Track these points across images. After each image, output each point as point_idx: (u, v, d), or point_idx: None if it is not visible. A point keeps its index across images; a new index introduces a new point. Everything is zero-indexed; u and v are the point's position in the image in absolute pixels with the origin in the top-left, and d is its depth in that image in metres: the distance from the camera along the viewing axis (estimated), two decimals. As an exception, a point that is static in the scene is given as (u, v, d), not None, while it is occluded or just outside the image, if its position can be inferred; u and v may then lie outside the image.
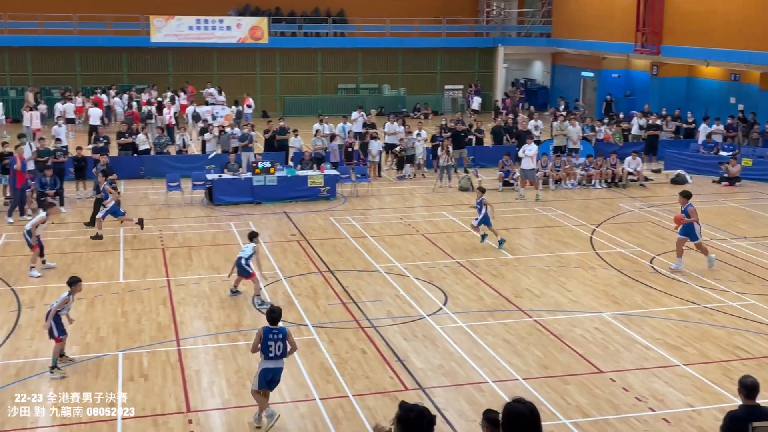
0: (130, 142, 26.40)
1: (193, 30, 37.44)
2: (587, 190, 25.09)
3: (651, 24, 33.10)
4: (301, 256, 17.85)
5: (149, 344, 13.01)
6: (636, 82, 38.81)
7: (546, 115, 33.70)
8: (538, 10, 44.20)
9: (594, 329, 13.75)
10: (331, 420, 10.57)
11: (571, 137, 27.43)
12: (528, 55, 45.87)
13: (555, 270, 16.91)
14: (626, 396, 11.30)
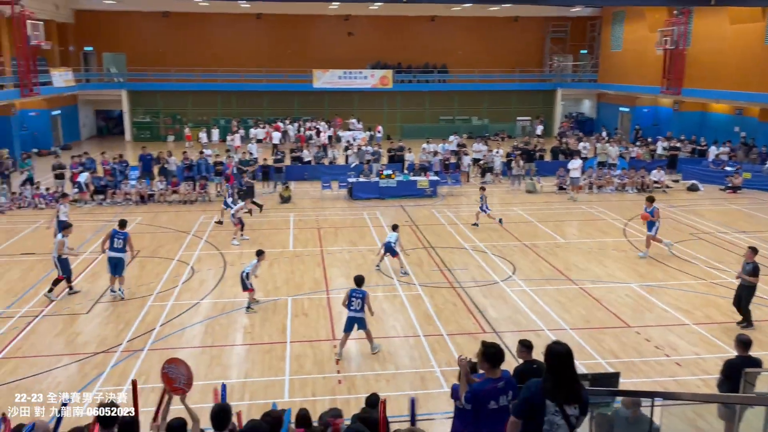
0: (298, 155, 27.09)
1: (341, 78, 37.98)
2: (622, 194, 23.97)
3: (674, 72, 31.40)
4: (412, 236, 17.85)
5: (308, 292, 13.32)
6: (661, 114, 36.75)
7: (591, 139, 32.39)
8: (587, 62, 42.54)
9: (625, 295, 13.14)
10: (430, 350, 10.55)
11: (610, 155, 26.57)
12: (579, 95, 44.15)
13: (596, 251, 16.25)
14: (648, 345, 10.77)
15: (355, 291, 10.18)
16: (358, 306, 10.09)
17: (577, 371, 4.45)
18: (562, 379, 4.34)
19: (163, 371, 5.29)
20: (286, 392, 9.23)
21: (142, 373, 9.70)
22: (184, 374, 5.29)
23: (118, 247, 12.81)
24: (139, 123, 39.24)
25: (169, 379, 5.21)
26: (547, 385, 4.36)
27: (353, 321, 10.17)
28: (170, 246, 16.67)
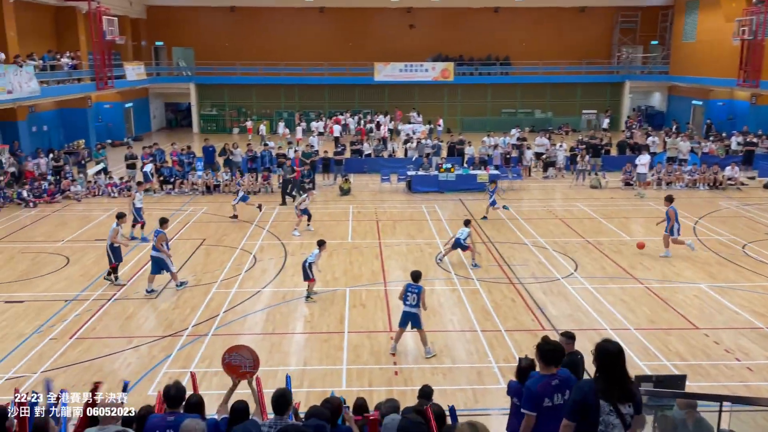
0: (358, 148, 27.31)
1: (402, 72, 38.05)
2: (692, 191, 23.01)
3: (752, 63, 29.75)
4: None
5: (366, 284, 13.45)
6: (737, 108, 34.95)
7: (660, 133, 31.22)
8: (658, 53, 40.92)
9: (693, 296, 12.65)
10: (488, 346, 10.48)
11: (681, 150, 25.55)
12: (649, 87, 42.55)
13: (663, 250, 15.68)
14: (717, 348, 10.34)
15: (411, 286, 10.19)
16: (413, 301, 10.09)
17: (627, 370, 4.37)
18: (615, 378, 4.26)
19: (225, 362, 5.45)
20: (344, 381, 9.38)
21: (206, 358, 10.06)
22: (249, 358, 5.46)
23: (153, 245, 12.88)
24: (206, 115, 40.46)
25: (234, 367, 5.38)
26: (599, 385, 4.28)
27: (408, 316, 10.16)
28: (234, 235, 17.16)
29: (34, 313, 11.81)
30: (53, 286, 13.33)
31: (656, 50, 41.42)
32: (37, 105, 27.02)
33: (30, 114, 26.88)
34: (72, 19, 30.66)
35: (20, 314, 11.78)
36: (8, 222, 18.60)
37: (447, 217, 19.13)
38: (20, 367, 9.71)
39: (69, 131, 30.60)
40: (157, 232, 12.80)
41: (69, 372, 9.55)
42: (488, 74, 40.55)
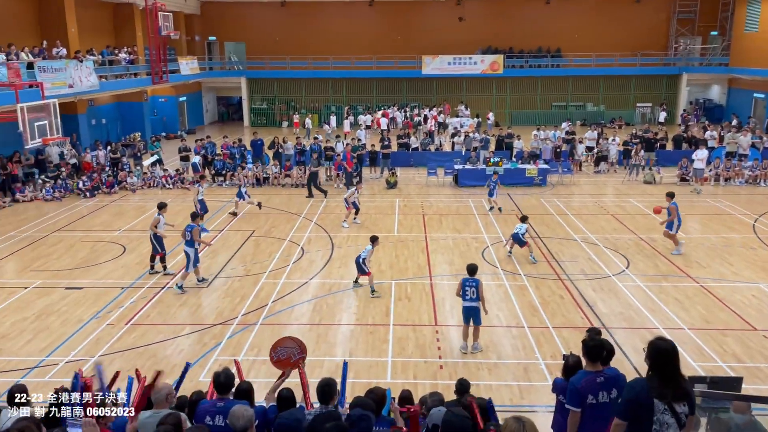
0: (405, 142, 27.29)
1: (450, 65, 37.79)
2: (753, 187, 22.08)
3: (821, 53, 28.31)
4: (519, 225, 17.50)
5: (412, 277, 13.47)
6: (803, 101, 33.41)
7: (718, 127, 30.03)
8: (718, 44, 39.32)
9: (751, 296, 12.17)
10: (535, 343, 10.35)
11: (741, 145, 24.43)
12: (707, 80, 40.94)
13: (720, 248, 15.14)
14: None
15: (468, 280, 10.08)
16: (472, 295, 9.97)
17: (680, 368, 4.24)
18: (668, 376, 4.15)
19: (274, 360, 5.54)
20: (389, 373, 9.43)
21: (255, 346, 10.28)
22: (293, 346, 5.54)
23: (188, 239, 12.73)
24: (257, 109, 41.14)
25: (283, 361, 5.47)
26: (652, 383, 4.18)
27: (470, 311, 10.02)
28: (282, 227, 17.43)
29: (93, 299, 12.29)
30: (110, 273, 13.85)
31: (716, 41, 39.81)
32: (96, 99, 28.04)
33: (89, 107, 27.90)
34: (129, 15, 31.66)
35: (80, 300, 12.29)
36: (69, 212, 19.39)
37: (496, 213, 18.92)
38: (79, 351, 10.14)
39: (126, 124, 31.66)
40: (191, 227, 12.71)
41: (124, 357, 9.91)
42: (539, 67, 39.86)
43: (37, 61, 20.76)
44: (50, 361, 9.82)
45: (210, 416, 5.00)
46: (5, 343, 10.44)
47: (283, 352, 5.52)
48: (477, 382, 8.82)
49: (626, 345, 10.09)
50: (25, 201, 20.64)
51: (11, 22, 24.57)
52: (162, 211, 13.73)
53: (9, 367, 9.62)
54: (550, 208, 19.30)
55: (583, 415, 5.01)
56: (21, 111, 14.19)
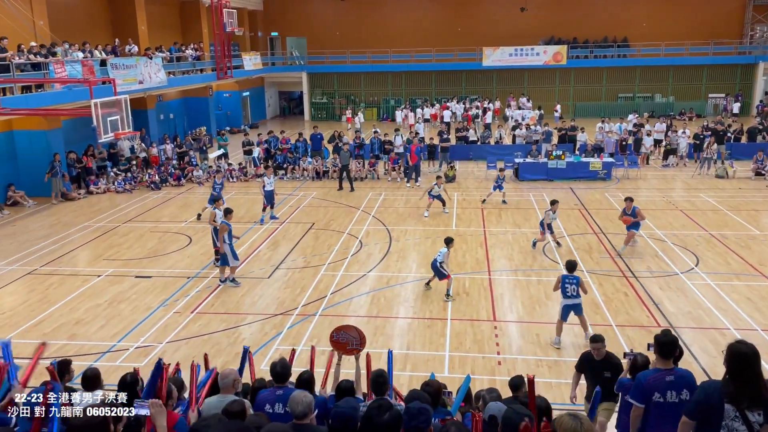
0: (464, 135, 27.04)
1: (512, 56, 37.16)
2: (837, 181, 20.78)
3: None
4: (581, 221, 17.09)
5: (470, 272, 13.37)
6: None
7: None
8: (800, 30, 37.11)
9: (834, 298, 11.46)
10: (597, 341, 10.07)
11: (823, 137, 23.07)
12: (787, 68, 38.80)
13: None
14: None
15: (567, 277, 9.88)
16: (573, 292, 9.79)
17: (762, 374, 4.02)
18: (746, 382, 3.94)
19: (333, 339, 5.64)
20: (446, 367, 9.40)
21: (314, 337, 10.45)
22: (356, 336, 5.61)
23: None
24: (317, 103, 41.67)
25: (341, 344, 5.55)
26: (728, 388, 3.99)
27: (569, 308, 9.86)
28: (341, 220, 17.61)
29: (161, 288, 12.78)
30: (177, 263, 14.36)
31: (798, 27, 37.60)
32: (164, 94, 29.06)
33: (158, 103, 28.94)
34: (196, 12, 32.63)
35: (149, 288, 12.80)
36: (138, 203, 20.21)
37: (556, 206, 18.52)
38: (148, 337, 10.57)
39: (192, 119, 32.68)
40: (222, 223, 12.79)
41: (190, 344, 10.27)
42: (604, 57, 38.67)
43: (109, 59, 21.68)
44: (121, 346, 10.28)
45: (269, 404, 5.11)
46: (80, 328, 11.00)
47: (344, 337, 5.61)
48: (537, 379, 8.65)
49: (694, 345, 9.70)
50: (99, 193, 21.65)
51: (86, 21, 25.74)
52: (216, 204, 13.99)
53: (83, 351, 10.13)
54: (615, 203, 18.73)
55: (649, 413, 4.84)
56: (95, 107, 14.83)
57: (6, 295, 12.66)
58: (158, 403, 3.63)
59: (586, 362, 7.02)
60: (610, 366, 6.79)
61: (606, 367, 6.79)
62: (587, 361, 7.00)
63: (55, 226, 17.65)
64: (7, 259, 14.76)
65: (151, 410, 3.57)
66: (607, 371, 6.74)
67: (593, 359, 6.91)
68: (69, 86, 19.28)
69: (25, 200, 20.03)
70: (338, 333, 5.68)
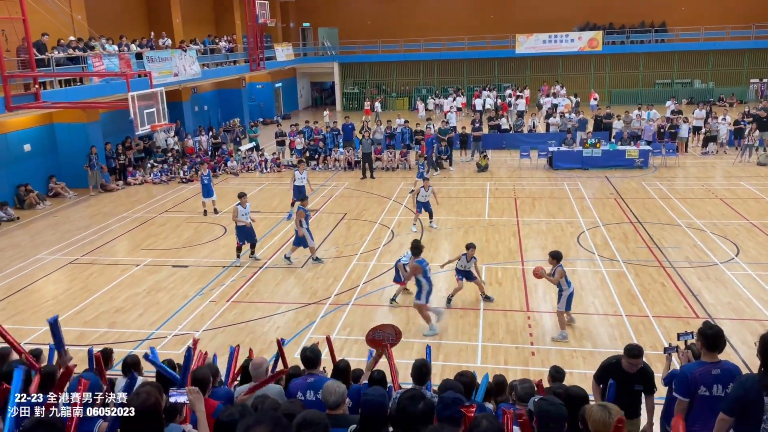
0: (497, 124, 26.78)
1: (546, 43, 36.56)
2: None
3: None
4: (616, 210, 16.78)
5: (502, 262, 13.27)
6: None
7: None
8: None
9: None
10: (633, 332, 9.92)
11: None
12: (835, 51, 37.30)
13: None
14: None
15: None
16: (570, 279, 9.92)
17: None
18: None
19: (369, 338, 5.68)
20: (479, 357, 9.37)
21: (347, 326, 10.52)
22: (391, 333, 5.65)
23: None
24: (348, 94, 41.70)
25: (377, 342, 5.59)
26: (765, 380, 3.88)
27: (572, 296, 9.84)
28: (373, 210, 17.64)
29: (197, 277, 13.01)
30: (213, 253, 14.59)
31: None
32: (198, 86, 29.42)
33: (192, 95, 29.34)
34: (228, 4, 32.90)
35: (185, 277, 13.05)
36: (174, 194, 20.56)
37: (591, 196, 18.24)
38: (185, 325, 10.79)
39: (225, 110, 33.06)
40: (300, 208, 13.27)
41: (226, 332, 10.44)
42: (641, 42, 37.75)
43: (145, 52, 22.04)
44: (159, 334, 10.51)
45: (301, 392, 5.17)
46: (120, 316, 11.28)
47: (380, 335, 5.65)
48: (570, 370, 8.57)
49: (734, 337, 9.46)
50: (136, 184, 22.10)
51: (122, 15, 26.19)
52: (242, 200, 13.37)
53: (123, 338, 10.40)
54: (652, 192, 18.34)
55: (694, 407, 4.75)
56: (132, 99, 15.10)
57: (49, 284, 13.06)
58: (195, 389, 3.69)
59: (615, 374, 5.71)
60: (644, 378, 5.77)
61: (639, 380, 5.76)
62: (615, 373, 5.72)
63: (95, 216, 18.10)
64: (50, 248, 15.21)
65: (190, 397, 3.64)
66: (640, 384, 5.78)
67: (623, 372, 5.73)
68: (107, 79, 19.67)
69: (66, 191, 20.58)
70: (374, 332, 5.73)
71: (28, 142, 20.15)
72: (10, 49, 16.36)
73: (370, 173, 21.62)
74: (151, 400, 3.12)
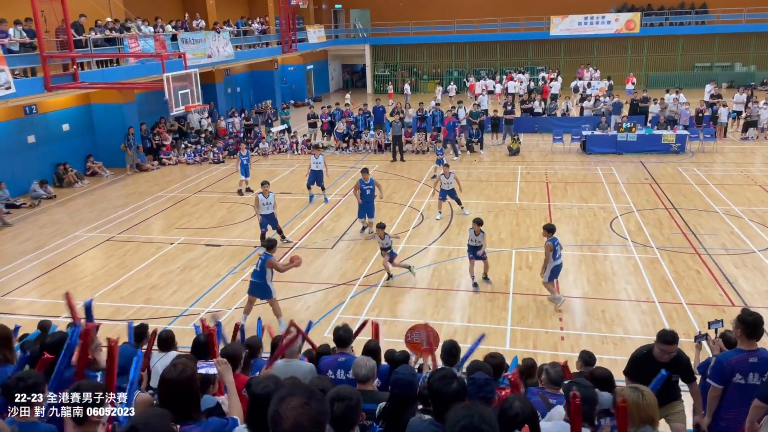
0: (529, 107, 26.40)
1: (581, 25, 35.78)
2: None
3: None
4: (651, 195, 16.44)
5: (533, 246, 13.14)
6: None
7: None
8: None
9: None
10: (666, 319, 9.77)
11: None
12: None
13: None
14: None
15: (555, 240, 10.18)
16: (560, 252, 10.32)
17: None
18: None
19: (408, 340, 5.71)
20: (507, 341, 9.33)
21: (375, 307, 10.57)
22: (426, 337, 5.63)
23: None
24: (379, 76, 41.50)
25: (415, 345, 5.61)
26: None
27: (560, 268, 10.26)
28: (403, 192, 17.61)
29: (229, 256, 13.20)
30: (245, 233, 14.76)
31: None
32: (231, 68, 29.59)
33: (226, 77, 29.54)
34: (261, -14, 32.91)
35: (218, 256, 13.24)
36: (207, 174, 20.82)
37: (625, 181, 17.91)
38: (218, 303, 10.97)
39: (258, 92, 33.23)
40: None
41: (256, 310, 10.58)
42: (680, 24, 36.67)
43: (180, 33, 22.23)
44: (193, 310, 10.71)
45: (332, 370, 5.23)
46: (155, 293, 11.52)
47: (417, 337, 5.67)
48: (601, 356, 8.47)
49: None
50: (170, 164, 22.43)
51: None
52: (264, 188, 13.13)
53: (158, 314, 10.63)
54: (688, 178, 17.92)
55: (728, 394, 4.67)
56: (167, 80, 15.27)
57: (87, 260, 13.39)
58: (223, 360, 3.77)
59: (646, 366, 5.12)
60: (680, 367, 5.20)
61: (675, 369, 5.15)
62: (647, 365, 5.12)
63: (131, 195, 18.45)
64: (88, 226, 15.57)
65: (218, 368, 3.72)
66: (676, 373, 5.23)
67: (656, 362, 5.10)
68: (142, 60, 19.91)
69: (103, 170, 21.01)
70: (411, 333, 5.74)
71: (66, 122, 20.59)
72: (49, 29, 16.65)
73: (401, 156, 21.58)
74: (188, 372, 3.19)
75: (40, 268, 12.95)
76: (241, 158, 17.70)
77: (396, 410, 3.73)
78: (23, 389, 3.24)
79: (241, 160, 17.64)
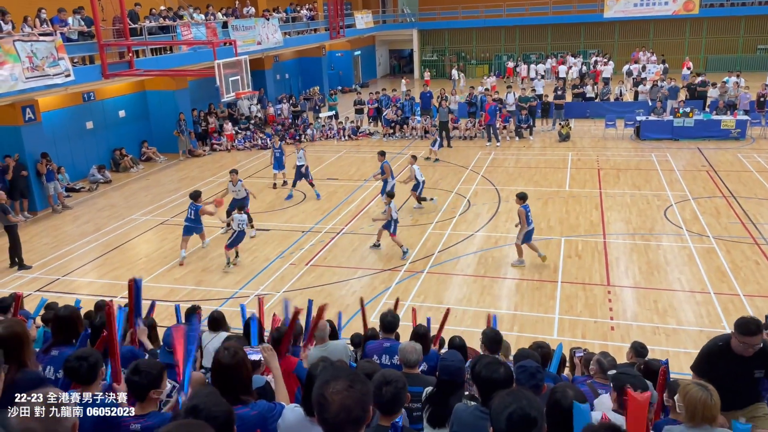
0: (581, 92, 25.77)
1: (637, 6, 34.52)
2: None
3: None
4: (708, 183, 15.87)
5: (583, 234, 12.90)
6: None
7: None
8: None
9: None
10: (722, 310, 9.46)
11: None
12: None
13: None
14: None
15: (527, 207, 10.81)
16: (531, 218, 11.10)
17: None
18: None
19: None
20: (555, 330, 9.22)
21: (421, 293, 10.59)
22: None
23: None
24: (427, 61, 41.19)
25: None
26: None
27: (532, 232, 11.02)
28: (449, 179, 17.51)
29: (278, 241, 13.43)
30: (293, 218, 14.98)
31: None
32: (280, 55, 29.89)
33: (275, 63, 29.86)
34: (310, -28, 32.98)
35: (267, 240, 13.49)
36: (257, 160, 21.16)
37: (681, 168, 17.33)
38: (266, 286, 11.20)
39: (306, 79, 33.48)
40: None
41: (304, 294, 10.74)
42: (743, 5, 35.00)
43: (230, 21, 22.55)
44: (243, 293, 10.97)
45: (377, 355, 5.29)
46: (206, 276, 11.84)
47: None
48: (652, 347, 8.29)
49: (837, 322, 8.82)
50: (221, 150, 22.89)
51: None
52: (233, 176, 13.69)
53: (209, 296, 10.92)
54: (749, 165, 17.21)
55: None
56: (218, 67, 15.56)
57: (142, 243, 13.85)
58: (269, 347, 3.86)
59: (724, 362, 4.36)
60: (764, 362, 4.34)
61: (758, 364, 4.34)
62: (726, 360, 4.36)
63: (184, 180, 18.93)
64: (143, 210, 16.08)
65: (264, 354, 3.81)
66: (760, 369, 4.37)
67: (735, 355, 4.32)
68: (194, 48, 20.32)
69: (157, 156, 21.62)
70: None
71: (122, 108, 21.25)
72: (106, 18, 17.15)
73: (447, 142, 21.43)
74: (240, 356, 3.27)
75: (98, 249, 13.46)
76: (274, 151, 17.39)
77: (443, 395, 3.76)
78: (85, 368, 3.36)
79: (275, 153, 17.36)
